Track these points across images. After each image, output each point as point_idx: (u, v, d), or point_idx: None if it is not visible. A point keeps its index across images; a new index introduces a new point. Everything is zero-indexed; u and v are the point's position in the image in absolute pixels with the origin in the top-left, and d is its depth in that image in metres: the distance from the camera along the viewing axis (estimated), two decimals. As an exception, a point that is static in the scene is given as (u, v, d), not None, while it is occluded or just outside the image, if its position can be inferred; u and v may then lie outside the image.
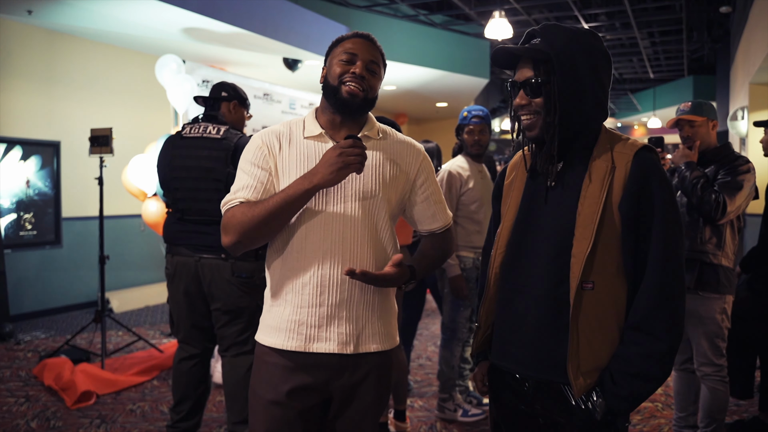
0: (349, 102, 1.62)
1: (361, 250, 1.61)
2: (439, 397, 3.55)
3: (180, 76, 5.07)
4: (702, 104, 2.80)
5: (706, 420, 2.77)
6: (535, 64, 1.43)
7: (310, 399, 1.63)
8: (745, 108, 7.02)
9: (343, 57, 1.63)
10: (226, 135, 2.79)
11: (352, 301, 1.61)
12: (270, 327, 1.65)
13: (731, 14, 8.89)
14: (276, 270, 1.65)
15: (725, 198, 2.58)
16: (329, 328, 1.60)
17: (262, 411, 1.64)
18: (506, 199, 1.59)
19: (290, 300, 1.62)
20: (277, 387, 1.62)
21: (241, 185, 1.63)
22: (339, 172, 1.52)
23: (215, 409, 3.62)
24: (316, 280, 1.59)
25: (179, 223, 2.85)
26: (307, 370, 1.61)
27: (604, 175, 1.41)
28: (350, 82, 1.61)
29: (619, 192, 1.40)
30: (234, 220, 1.57)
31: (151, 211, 4.94)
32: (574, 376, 1.39)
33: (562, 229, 1.43)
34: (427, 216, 1.77)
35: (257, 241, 1.61)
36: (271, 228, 1.58)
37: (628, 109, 18.47)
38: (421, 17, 9.30)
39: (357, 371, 1.64)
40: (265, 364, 1.65)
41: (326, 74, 1.67)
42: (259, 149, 1.65)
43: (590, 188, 1.41)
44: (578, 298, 1.39)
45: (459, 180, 3.34)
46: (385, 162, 1.67)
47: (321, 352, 1.60)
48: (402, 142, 1.74)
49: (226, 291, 2.77)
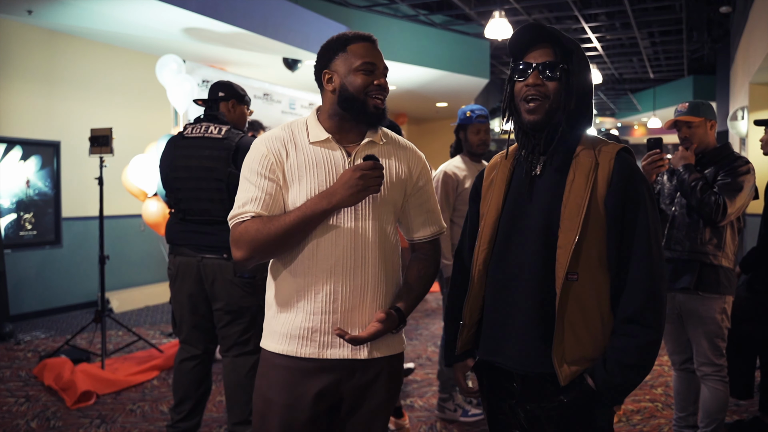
0: (378, 115, 1.63)
1: (372, 254, 1.62)
2: (439, 397, 3.55)
3: (180, 76, 5.08)
4: (699, 105, 2.78)
5: (706, 420, 2.77)
6: (555, 49, 1.48)
7: (322, 402, 1.63)
8: (745, 108, 7.02)
9: (362, 67, 1.61)
10: (228, 135, 2.79)
11: (364, 306, 1.62)
12: (279, 334, 1.64)
13: (731, 14, 8.89)
14: (285, 277, 1.64)
15: (725, 200, 2.57)
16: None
17: (275, 415, 1.63)
18: (486, 199, 1.63)
19: (302, 307, 1.61)
20: (291, 391, 1.62)
21: (249, 197, 1.59)
22: (359, 194, 1.53)
23: (215, 409, 3.62)
24: (329, 288, 1.59)
25: (181, 223, 2.85)
26: (321, 373, 1.62)
27: (589, 171, 1.46)
28: (377, 96, 1.61)
29: (604, 187, 1.45)
30: (247, 236, 1.55)
31: (151, 211, 4.94)
32: (559, 364, 1.43)
33: (547, 222, 1.47)
34: (419, 222, 1.76)
35: (271, 256, 1.63)
36: (287, 245, 1.59)
37: (628, 109, 18.47)
38: (421, 17, 9.30)
39: (368, 372, 1.65)
40: (275, 369, 1.64)
41: (343, 83, 1.62)
42: (265, 158, 1.61)
43: (575, 183, 1.46)
44: (564, 289, 1.43)
45: (455, 180, 3.32)
46: (391, 167, 1.68)
47: (335, 358, 1.61)
48: (405, 148, 1.75)
49: (229, 291, 2.77)
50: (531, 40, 1.51)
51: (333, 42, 1.66)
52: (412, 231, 1.78)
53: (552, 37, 1.48)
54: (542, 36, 1.50)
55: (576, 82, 1.47)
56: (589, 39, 10.42)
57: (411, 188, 1.73)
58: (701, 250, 2.69)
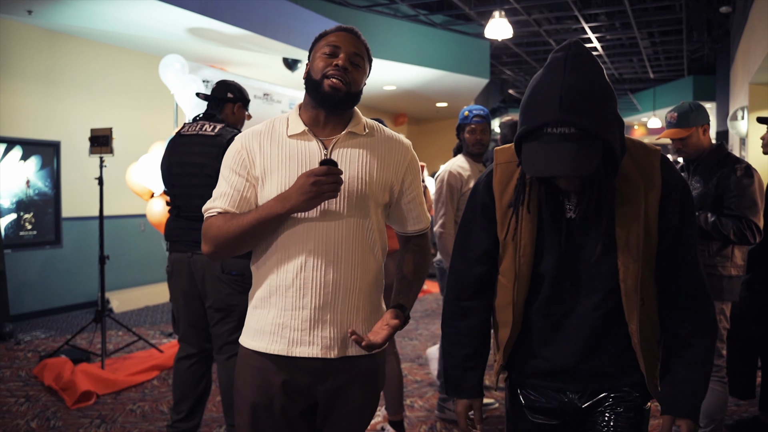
0: (332, 96, 1.55)
1: (345, 251, 1.56)
2: (439, 397, 3.55)
3: (185, 77, 5.08)
4: (688, 113, 2.71)
5: (705, 420, 2.77)
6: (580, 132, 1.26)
7: (294, 403, 1.60)
8: (745, 108, 7.02)
9: (326, 50, 1.57)
10: (221, 132, 2.80)
11: (336, 304, 1.56)
12: (253, 330, 1.61)
13: (731, 14, 8.89)
14: (260, 271, 1.62)
15: (749, 217, 2.57)
16: (313, 332, 1.55)
17: (247, 412, 1.61)
18: (504, 226, 1.47)
19: (274, 303, 1.57)
20: (261, 389, 1.59)
21: (219, 192, 1.60)
22: (312, 201, 1.48)
23: (215, 409, 3.62)
24: (299, 282, 1.54)
25: (177, 220, 2.87)
26: (291, 373, 1.57)
27: (637, 193, 1.38)
28: (333, 76, 1.55)
29: (656, 207, 1.39)
30: (210, 232, 1.56)
31: (155, 211, 4.95)
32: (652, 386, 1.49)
33: (603, 252, 1.40)
34: (411, 216, 1.72)
35: (234, 253, 1.59)
36: (247, 244, 1.57)
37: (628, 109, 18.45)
38: (421, 17, 9.29)
39: (341, 376, 1.59)
40: (248, 367, 1.62)
41: (309, 69, 1.61)
42: (238, 153, 1.60)
43: (624, 208, 1.38)
44: (638, 315, 1.43)
45: (459, 180, 3.32)
46: (372, 159, 1.60)
47: (304, 356, 1.55)
48: (390, 139, 1.67)
49: (216, 288, 2.77)
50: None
51: (316, 37, 1.65)
52: (406, 225, 1.73)
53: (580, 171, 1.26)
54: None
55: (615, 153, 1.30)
56: (589, 39, 10.41)
57: (399, 182, 1.67)
58: (709, 263, 2.68)
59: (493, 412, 3.60)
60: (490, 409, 3.63)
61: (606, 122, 1.25)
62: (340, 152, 1.59)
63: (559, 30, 10.07)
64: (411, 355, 4.87)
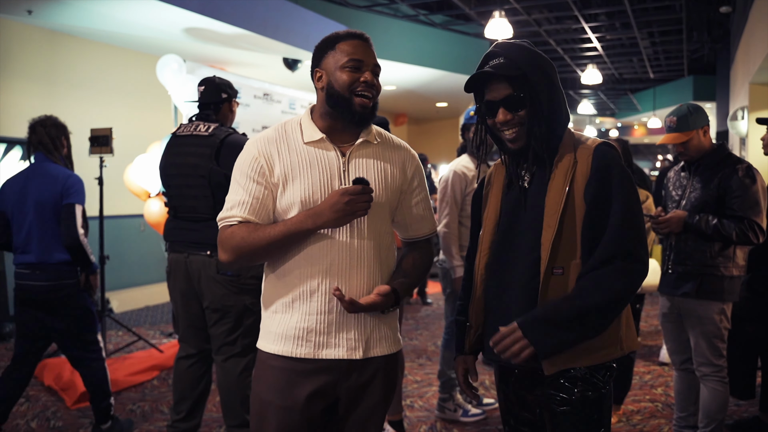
0: (364, 114, 1.61)
1: (368, 255, 1.62)
2: (439, 397, 3.55)
3: (183, 77, 5.08)
4: (687, 116, 2.71)
5: (705, 420, 2.77)
6: (511, 81, 1.53)
7: (318, 403, 1.63)
8: (745, 108, 7.02)
9: (348, 64, 1.59)
10: (215, 132, 2.80)
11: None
12: (275, 334, 1.64)
13: (731, 14, 8.89)
14: (280, 276, 1.64)
15: (751, 219, 2.57)
16: (338, 335, 1.60)
17: (272, 417, 1.63)
18: (485, 206, 1.70)
19: (297, 307, 1.61)
20: (287, 392, 1.61)
21: (236, 201, 1.60)
22: (345, 218, 1.53)
23: (215, 409, 3.62)
24: (324, 287, 1.59)
25: (173, 220, 2.88)
26: (317, 375, 1.61)
27: (567, 169, 1.53)
28: (363, 94, 1.59)
29: (582, 182, 1.51)
30: (232, 242, 1.57)
31: (153, 211, 4.95)
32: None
33: (534, 224, 1.54)
34: (416, 221, 1.77)
35: (255, 262, 1.64)
36: (271, 255, 1.61)
37: (628, 109, 18.46)
38: (421, 17, 9.29)
39: (365, 373, 1.65)
40: (271, 370, 1.64)
41: (329, 81, 1.61)
42: (255, 160, 1.60)
43: (554, 181, 1.53)
44: (546, 283, 1.49)
45: (464, 180, 3.32)
46: (385, 167, 1.67)
47: (331, 358, 1.60)
48: (398, 147, 1.75)
49: (212, 289, 2.76)
50: (483, 83, 1.58)
51: (324, 40, 1.66)
52: (410, 230, 1.78)
53: (505, 69, 1.52)
54: (482, 79, 1.57)
55: (542, 100, 1.52)
56: (589, 39, 10.42)
57: (407, 188, 1.73)
58: (711, 264, 2.68)
59: (494, 412, 3.60)
60: (490, 409, 3.63)
61: (533, 66, 1.52)
62: (357, 162, 1.64)
63: (559, 30, 10.07)
64: (411, 355, 4.87)
